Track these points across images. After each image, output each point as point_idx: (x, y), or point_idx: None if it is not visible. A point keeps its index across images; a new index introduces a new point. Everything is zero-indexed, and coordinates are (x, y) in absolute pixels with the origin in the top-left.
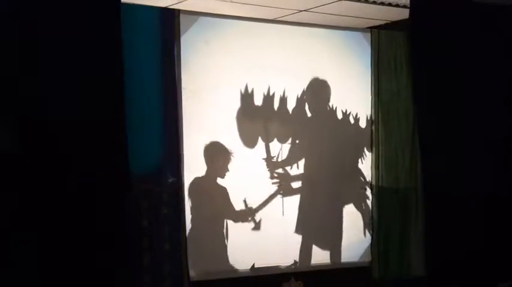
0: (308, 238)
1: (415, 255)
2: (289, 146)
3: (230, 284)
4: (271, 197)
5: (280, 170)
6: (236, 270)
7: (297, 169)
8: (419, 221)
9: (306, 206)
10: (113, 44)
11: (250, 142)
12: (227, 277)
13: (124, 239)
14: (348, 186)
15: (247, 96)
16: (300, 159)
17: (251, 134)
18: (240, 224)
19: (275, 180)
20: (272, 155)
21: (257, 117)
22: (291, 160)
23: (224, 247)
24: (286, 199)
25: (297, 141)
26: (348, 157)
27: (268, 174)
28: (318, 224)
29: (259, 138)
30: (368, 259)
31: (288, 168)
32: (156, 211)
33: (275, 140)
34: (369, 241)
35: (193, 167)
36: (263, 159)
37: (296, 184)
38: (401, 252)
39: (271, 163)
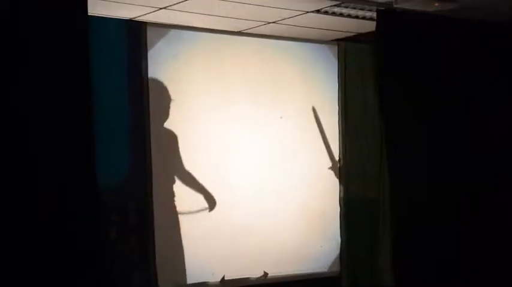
0: None
1: (385, 265)
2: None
3: None
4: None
5: None
6: (206, 282)
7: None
8: (388, 231)
9: None
10: (80, 57)
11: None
12: None
13: (92, 252)
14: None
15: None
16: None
17: None
18: (209, 235)
19: None
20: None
21: None
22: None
23: (194, 259)
24: (261, 209)
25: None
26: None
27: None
28: None
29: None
30: (337, 269)
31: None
32: (124, 223)
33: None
34: (338, 251)
35: (162, 178)
36: None
37: None
38: (370, 262)
39: None
